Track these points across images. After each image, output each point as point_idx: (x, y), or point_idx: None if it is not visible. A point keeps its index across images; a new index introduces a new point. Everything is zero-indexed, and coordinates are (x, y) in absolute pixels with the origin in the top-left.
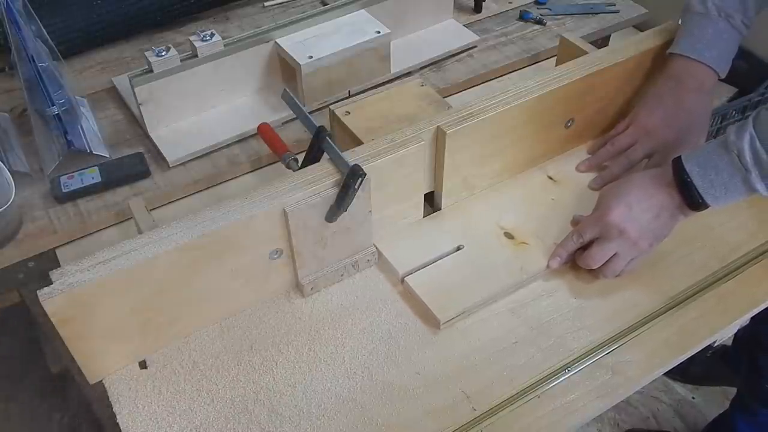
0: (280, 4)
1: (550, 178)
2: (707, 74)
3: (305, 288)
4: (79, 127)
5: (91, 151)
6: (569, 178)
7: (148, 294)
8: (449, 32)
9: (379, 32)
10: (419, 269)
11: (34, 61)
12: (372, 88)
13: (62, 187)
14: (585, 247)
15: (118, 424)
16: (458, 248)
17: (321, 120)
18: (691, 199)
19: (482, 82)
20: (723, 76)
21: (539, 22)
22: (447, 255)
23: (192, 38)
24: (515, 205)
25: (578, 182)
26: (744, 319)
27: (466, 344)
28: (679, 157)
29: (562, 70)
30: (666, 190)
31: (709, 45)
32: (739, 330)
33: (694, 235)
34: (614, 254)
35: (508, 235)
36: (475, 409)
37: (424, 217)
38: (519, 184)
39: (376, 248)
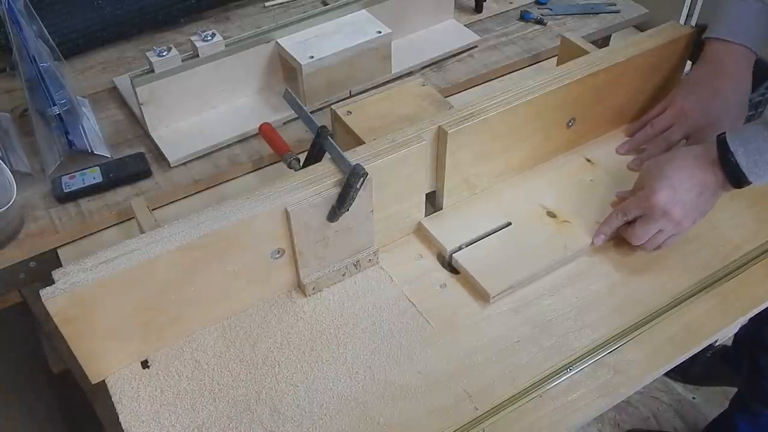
0: (280, 4)
1: (588, 160)
2: (744, 54)
3: (307, 288)
4: (80, 127)
5: (92, 151)
6: (606, 159)
7: (149, 293)
8: (450, 32)
9: (380, 32)
10: (466, 246)
11: (35, 61)
12: (373, 88)
13: (63, 187)
14: (629, 223)
15: (120, 423)
16: (506, 225)
17: (322, 120)
18: (735, 177)
19: (483, 82)
20: (760, 56)
21: (540, 22)
22: (492, 233)
23: (193, 38)
24: (555, 187)
25: (616, 163)
26: (744, 319)
27: (468, 343)
28: (724, 135)
29: (563, 69)
30: (710, 169)
31: (744, 26)
32: (739, 330)
33: (696, 234)
34: (657, 231)
35: (551, 214)
36: (477, 409)
37: (426, 215)
38: (557, 167)
39: (423, 226)
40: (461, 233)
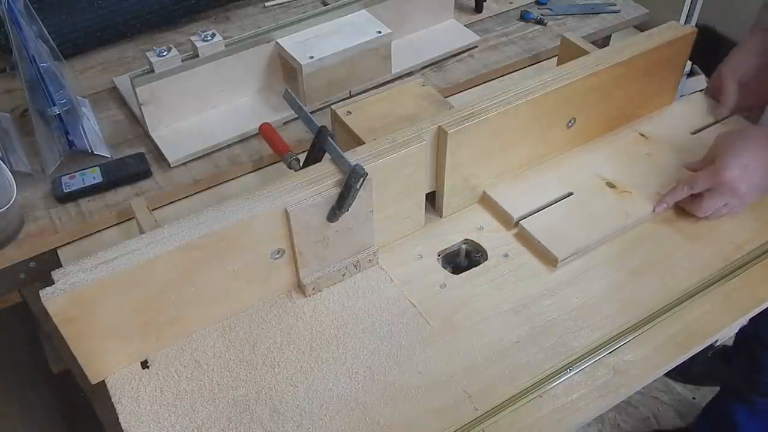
0: (281, 4)
1: (642, 135)
2: None
3: (307, 288)
4: (80, 127)
5: (92, 151)
6: (662, 133)
7: (149, 294)
8: (450, 32)
9: (380, 32)
10: (532, 214)
11: (35, 61)
12: (373, 88)
13: (63, 187)
14: (693, 195)
15: (120, 423)
16: (568, 195)
17: (322, 120)
18: None
19: (483, 82)
20: None
21: (540, 22)
22: (556, 201)
23: (193, 38)
24: (611, 160)
25: (672, 136)
26: (744, 319)
27: (468, 343)
28: None
29: (563, 70)
30: None
31: None
32: (740, 330)
33: (698, 234)
34: (723, 205)
35: (610, 185)
36: (476, 409)
37: (426, 216)
38: (611, 141)
39: (488, 196)
40: (525, 202)
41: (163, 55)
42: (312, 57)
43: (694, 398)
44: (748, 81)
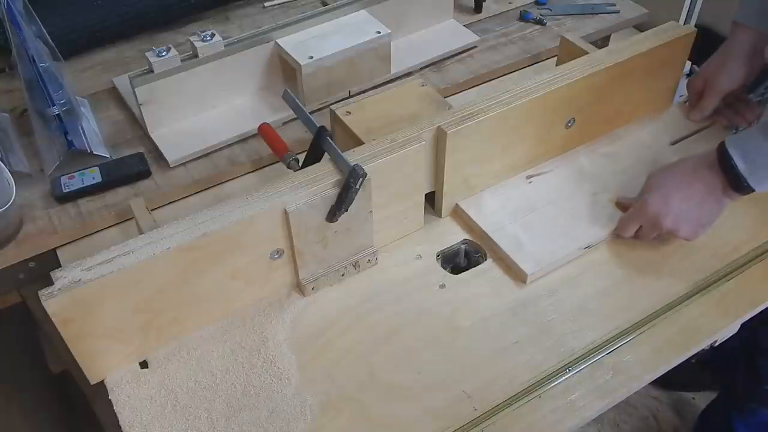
0: (280, 4)
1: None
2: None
3: (306, 288)
4: (79, 127)
5: (91, 152)
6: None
7: (149, 294)
8: (449, 32)
9: (379, 32)
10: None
11: (34, 61)
12: (372, 88)
13: (63, 187)
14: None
15: (119, 423)
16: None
17: (321, 120)
18: (735, 182)
19: (483, 83)
20: None
21: (539, 22)
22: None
23: (192, 38)
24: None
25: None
26: (738, 323)
27: (467, 343)
28: (723, 141)
29: (563, 70)
30: (708, 175)
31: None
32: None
33: None
34: (656, 235)
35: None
36: (476, 409)
37: (425, 216)
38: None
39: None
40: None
41: (163, 56)
42: (311, 57)
43: (693, 398)
44: (733, 88)
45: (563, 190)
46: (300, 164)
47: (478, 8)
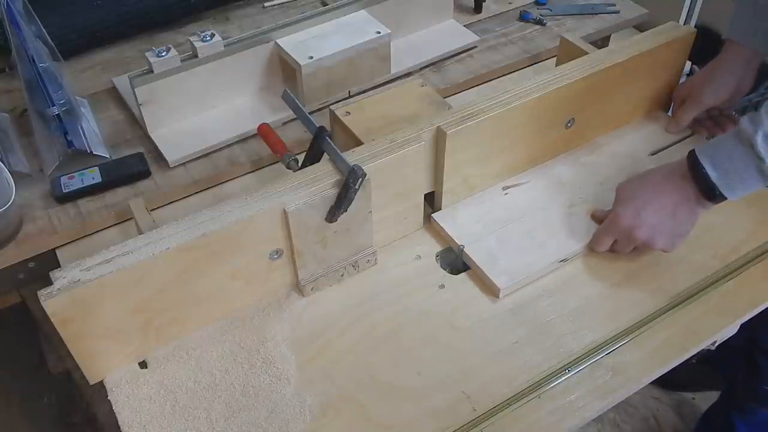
0: (280, 4)
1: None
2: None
3: (305, 288)
4: (79, 127)
5: (91, 152)
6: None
7: (148, 294)
8: (449, 32)
9: (379, 32)
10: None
11: (34, 61)
12: (372, 88)
13: (62, 187)
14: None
15: (118, 423)
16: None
17: (321, 120)
18: (707, 191)
19: (482, 83)
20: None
21: (539, 22)
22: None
23: (192, 39)
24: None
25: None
26: (737, 323)
27: (467, 344)
28: (693, 149)
29: (563, 70)
30: (680, 184)
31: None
32: (735, 338)
33: (695, 236)
34: (634, 247)
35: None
36: (475, 410)
37: (424, 216)
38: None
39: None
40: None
41: (162, 56)
42: (311, 57)
43: (693, 398)
44: (716, 103)
45: (539, 202)
46: (299, 164)
47: (477, 8)
